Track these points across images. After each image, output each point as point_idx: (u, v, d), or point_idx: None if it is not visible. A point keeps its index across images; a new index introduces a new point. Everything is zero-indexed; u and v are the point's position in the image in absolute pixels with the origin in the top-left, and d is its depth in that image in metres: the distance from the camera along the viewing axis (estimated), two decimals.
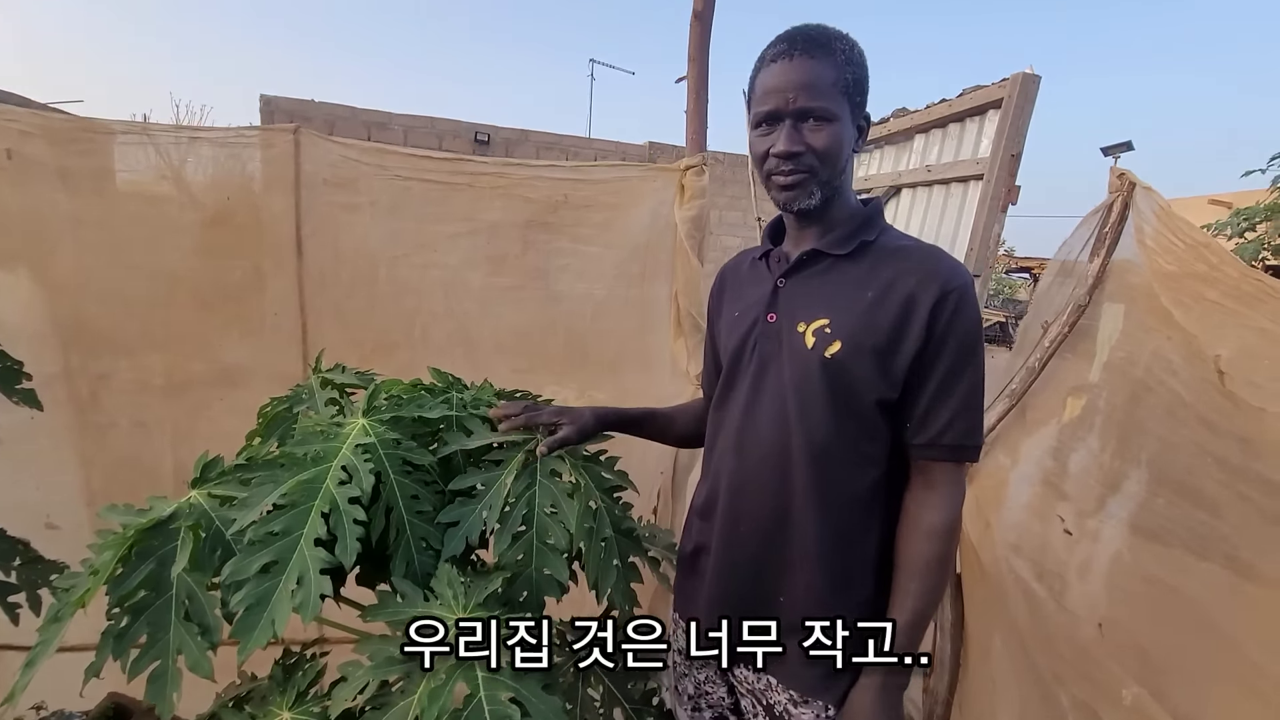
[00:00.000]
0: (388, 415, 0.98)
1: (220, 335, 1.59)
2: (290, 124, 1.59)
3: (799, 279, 0.99)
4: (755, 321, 1.00)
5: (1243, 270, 1.24)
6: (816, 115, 0.88)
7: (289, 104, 7.11)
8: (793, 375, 0.94)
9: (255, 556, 0.81)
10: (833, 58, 0.89)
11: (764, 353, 0.98)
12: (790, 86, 0.88)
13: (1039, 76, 1.48)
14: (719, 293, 1.16)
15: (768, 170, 0.94)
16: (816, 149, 0.89)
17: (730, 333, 1.05)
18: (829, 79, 0.88)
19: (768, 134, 0.92)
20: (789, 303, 0.98)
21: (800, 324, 0.94)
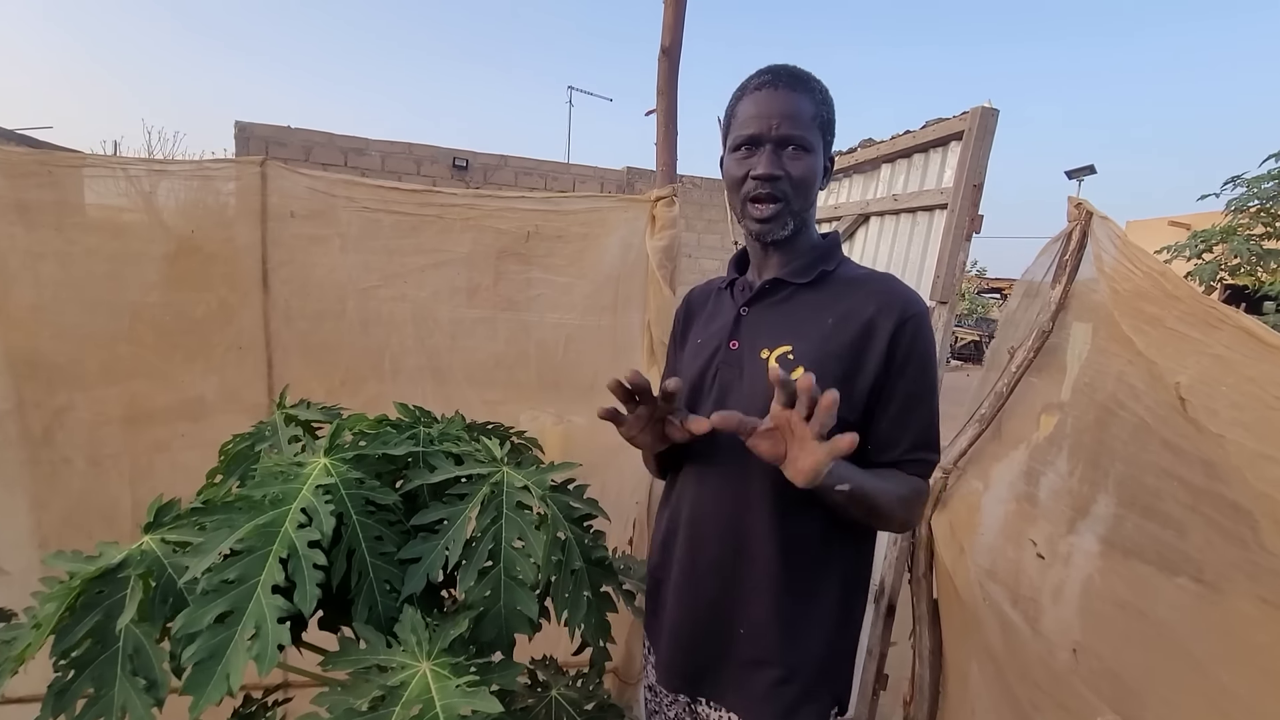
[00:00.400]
0: (351, 454, 0.96)
1: (183, 369, 1.55)
2: (257, 156, 1.58)
3: (761, 307, 1.01)
4: (717, 348, 1.02)
5: (1198, 298, 1.28)
6: (796, 144, 0.92)
7: (264, 130, 7.08)
8: (754, 401, 0.94)
9: (209, 606, 0.78)
10: (812, 94, 0.94)
11: (724, 379, 1.00)
12: (774, 113, 0.91)
13: (997, 110, 1.53)
14: (684, 318, 1.17)
15: (745, 193, 0.96)
16: (793, 176, 0.92)
17: (693, 359, 1.06)
18: (809, 112, 0.92)
19: (747, 158, 0.94)
20: (751, 330, 1.00)
21: (763, 350, 0.96)
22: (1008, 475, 1.68)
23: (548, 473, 1.08)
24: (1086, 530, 1.52)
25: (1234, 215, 6.93)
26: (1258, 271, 6.61)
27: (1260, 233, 6.68)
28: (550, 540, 0.99)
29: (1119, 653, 1.31)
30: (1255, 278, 6.65)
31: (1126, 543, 1.42)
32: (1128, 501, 1.43)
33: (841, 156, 2.50)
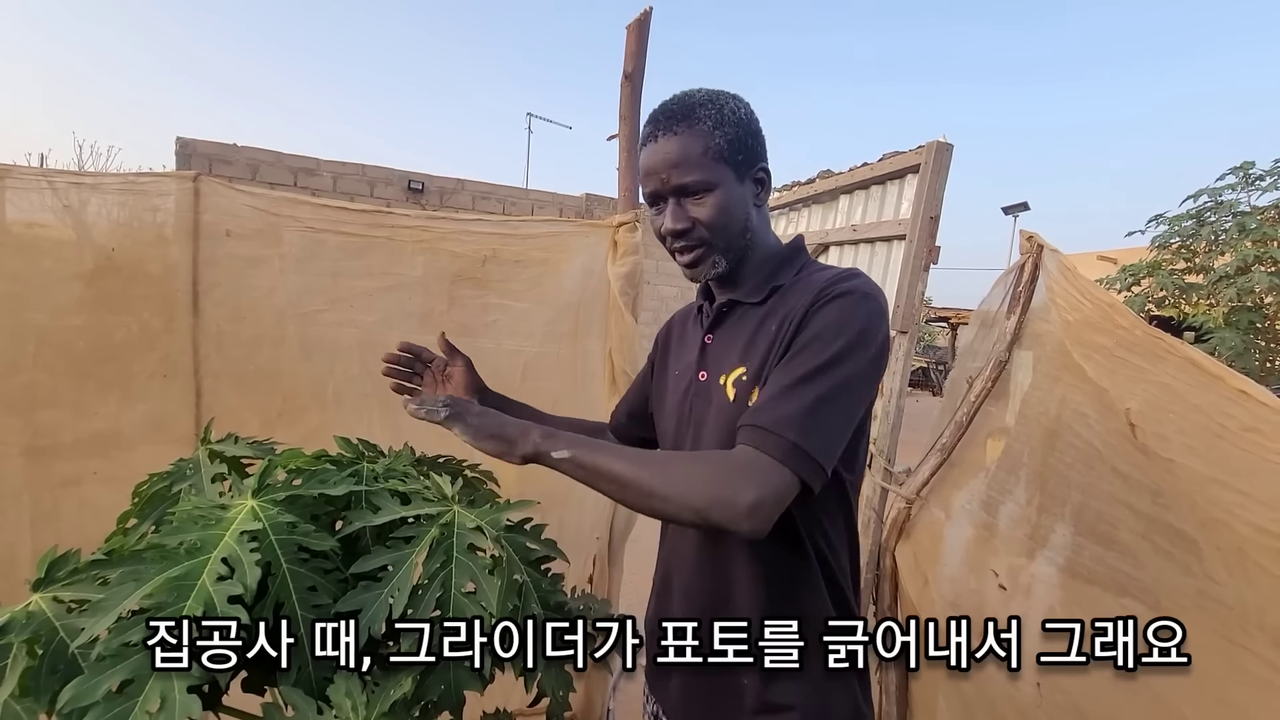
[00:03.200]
0: (283, 494, 0.87)
1: (96, 399, 1.42)
2: (192, 171, 1.48)
3: (721, 332, 0.98)
4: (690, 382, 0.99)
5: (1146, 329, 1.31)
6: (692, 190, 0.88)
7: (208, 147, 6.83)
8: (720, 432, 0.90)
9: (105, 675, 0.68)
10: (697, 126, 0.87)
11: (698, 412, 0.96)
12: (661, 167, 0.88)
13: (951, 145, 1.57)
14: (664, 343, 1.13)
15: (669, 248, 0.96)
16: (704, 221, 0.89)
17: (671, 392, 1.03)
18: (697, 150, 0.87)
19: (659, 214, 0.94)
20: (715, 358, 0.97)
21: (721, 377, 0.93)
22: (968, 504, 1.69)
23: (503, 511, 1.01)
24: (1046, 560, 1.53)
25: (1158, 251, 7.40)
26: (1181, 304, 7.05)
27: (1182, 268, 7.14)
28: (505, 585, 0.92)
29: (1082, 686, 1.30)
30: (1179, 310, 7.08)
31: (1086, 572, 1.43)
32: (1085, 530, 1.44)
33: (800, 187, 2.54)
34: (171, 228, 1.43)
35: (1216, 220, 6.91)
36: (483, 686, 0.91)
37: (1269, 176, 6.64)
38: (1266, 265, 6.22)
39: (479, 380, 1.17)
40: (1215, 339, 6.29)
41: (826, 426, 0.79)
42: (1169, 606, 1.27)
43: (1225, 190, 7.00)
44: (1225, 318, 6.42)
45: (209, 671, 0.70)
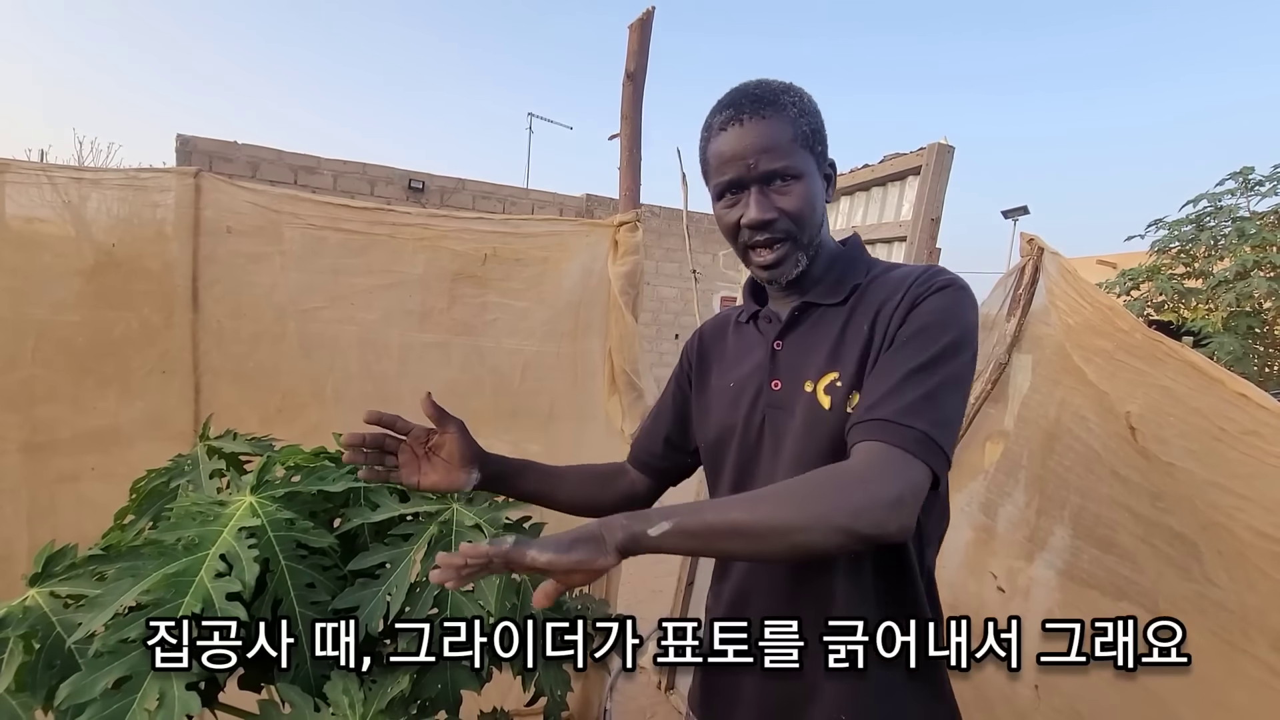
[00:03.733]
0: (282, 491, 0.87)
1: (96, 394, 1.41)
2: (193, 167, 1.47)
3: (794, 337, 0.89)
4: (759, 391, 0.89)
5: (1146, 333, 1.31)
6: (782, 175, 0.82)
7: (209, 145, 6.83)
8: (816, 442, 0.82)
9: (103, 671, 0.68)
10: (785, 112, 0.83)
11: (777, 424, 0.87)
12: (749, 151, 0.82)
13: (953, 147, 1.57)
14: (698, 356, 1.01)
15: (743, 242, 0.86)
16: (789, 211, 0.83)
17: (730, 406, 0.92)
18: (787, 135, 0.82)
19: (734, 204, 0.85)
20: (790, 364, 0.88)
21: (806, 384, 0.84)
22: (966, 506, 1.68)
23: (501, 510, 1.02)
24: (1044, 563, 1.53)
25: (1158, 256, 7.40)
26: (1180, 309, 7.05)
27: (1181, 272, 7.15)
28: (504, 584, 0.92)
29: (1079, 689, 1.30)
30: (1178, 314, 7.08)
31: (1084, 575, 1.43)
32: (1085, 533, 1.44)
33: None
34: (172, 224, 1.42)
35: (1216, 225, 6.92)
36: (479, 686, 0.91)
37: (1268, 182, 6.65)
38: (1265, 270, 6.23)
39: (475, 446, 0.97)
40: (1214, 344, 6.29)
41: (948, 416, 0.74)
42: (1168, 609, 1.27)
43: (1225, 195, 7.01)
44: (1224, 322, 6.43)
45: (209, 671, 0.70)
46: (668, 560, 3.86)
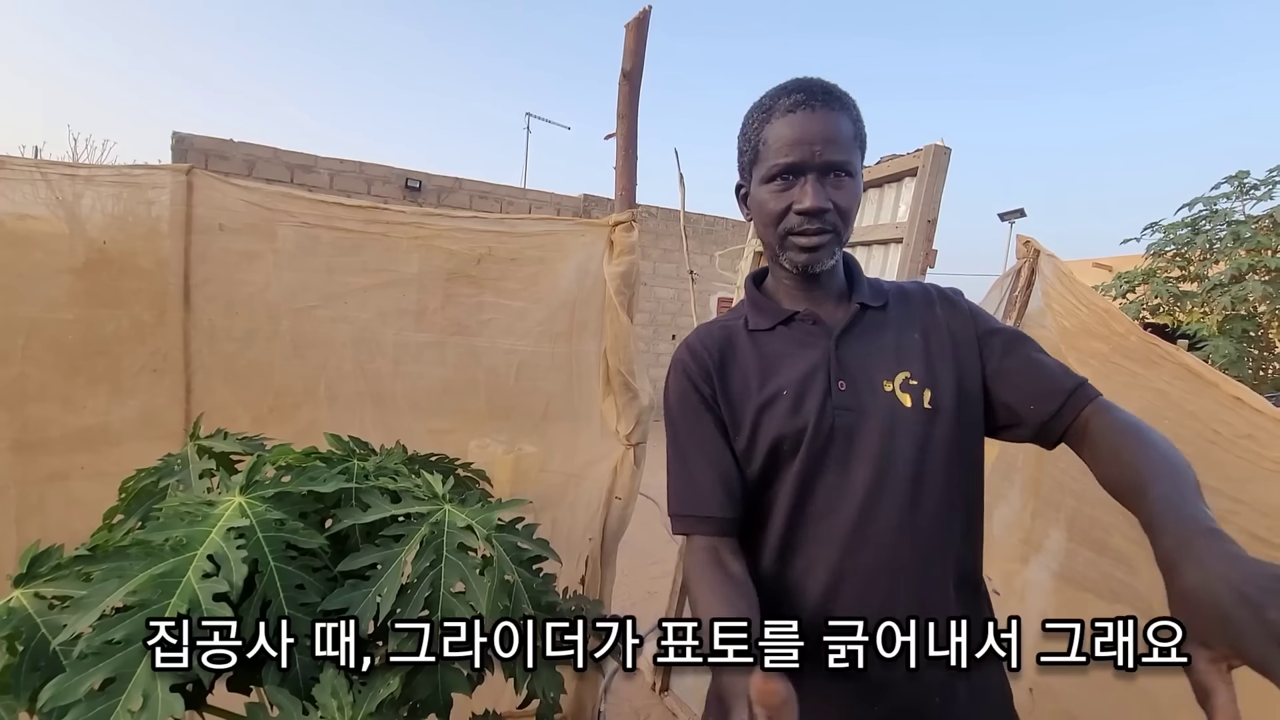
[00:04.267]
0: (271, 491, 0.86)
1: (86, 393, 1.40)
2: (186, 164, 1.46)
3: (850, 337, 0.89)
4: (826, 393, 0.85)
5: (1141, 336, 1.31)
6: (840, 169, 0.83)
7: (204, 142, 6.80)
8: (900, 440, 0.83)
9: (87, 672, 0.67)
10: (849, 111, 0.85)
11: (846, 425, 0.84)
12: (815, 139, 0.82)
13: (949, 149, 1.57)
14: (720, 375, 0.92)
15: (787, 228, 0.86)
16: (840, 206, 0.84)
17: (784, 417, 0.86)
18: (849, 132, 0.84)
19: (786, 189, 0.84)
20: (857, 364, 0.87)
21: (885, 382, 0.85)
22: None
23: (494, 510, 1.01)
24: (1039, 565, 1.52)
25: (1153, 259, 7.43)
26: (1175, 312, 7.07)
27: (1176, 275, 7.17)
28: (496, 585, 0.91)
29: (1075, 693, 1.30)
30: (1173, 317, 7.11)
31: (1078, 577, 1.43)
32: (1079, 536, 1.44)
33: None
34: (164, 221, 1.41)
35: (1211, 229, 6.94)
36: (470, 689, 0.90)
37: (1263, 186, 6.68)
38: (1260, 274, 6.25)
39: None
40: (1209, 347, 6.32)
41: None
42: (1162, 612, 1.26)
43: (1220, 199, 7.04)
44: (1219, 326, 6.45)
45: (210, 671, 0.69)
46: (663, 561, 3.85)
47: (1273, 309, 6.08)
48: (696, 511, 0.87)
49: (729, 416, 0.89)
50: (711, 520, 0.86)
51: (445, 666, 0.85)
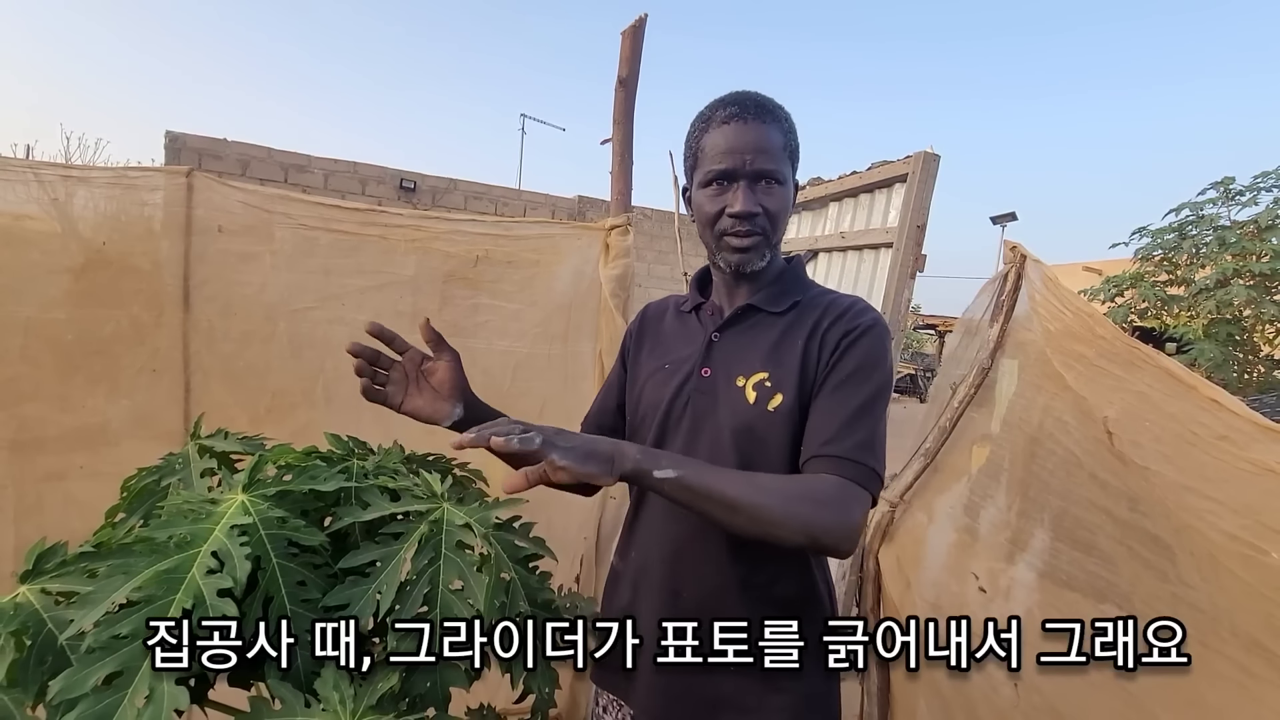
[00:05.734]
0: (273, 490, 0.88)
1: (84, 393, 1.41)
2: (184, 166, 1.48)
3: (733, 333, 0.98)
4: (688, 376, 0.98)
5: (1124, 339, 1.34)
6: (770, 177, 0.91)
7: (198, 142, 6.78)
8: (734, 430, 0.93)
9: (94, 667, 0.68)
10: (780, 124, 0.92)
11: (698, 408, 0.96)
12: (747, 148, 0.89)
13: (939, 155, 1.60)
14: (637, 335, 1.11)
15: (720, 230, 0.94)
16: (770, 210, 0.92)
17: (656, 386, 1.01)
18: (779, 143, 0.91)
19: (720, 194, 0.92)
20: (724, 357, 0.97)
21: (739, 378, 0.94)
22: (950, 508, 1.71)
23: (491, 509, 1.02)
24: (1025, 564, 1.55)
25: (1141, 263, 7.52)
26: (1163, 315, 7.16)
27: (1164, 279, 7.26)
28: (493, 582, 0.93)
29: (1059, 688, 1.33)
30: (1161, 321, 7.19)
31: (1062, 576, 1.46)
32: (1064, 535, 1.47)
33: None
34: (162, 222, 1.42)
35: (1198, 234, 7.04)
36: (469, 684, 0.92)
37: (1248, 192, 6.77)
38: (1245, 279, 6.34)
39: (464, 382, 1.07)
40: (1195, 350, 6.40)
41: (882, 450, 0.91)
42: (1144, 610, 1.29)
43: (1206, 204, 7.13)
44: (1205, 330, 6.54)
45: (208, 670, 0.71)
46: None
47: (1257, 313, 6.17)
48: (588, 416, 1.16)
49: (631, 371, 1.08)
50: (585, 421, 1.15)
51: (444, 662, 0.87)
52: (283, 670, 0.79)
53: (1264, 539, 1.08)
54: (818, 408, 0.91)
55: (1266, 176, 6.57)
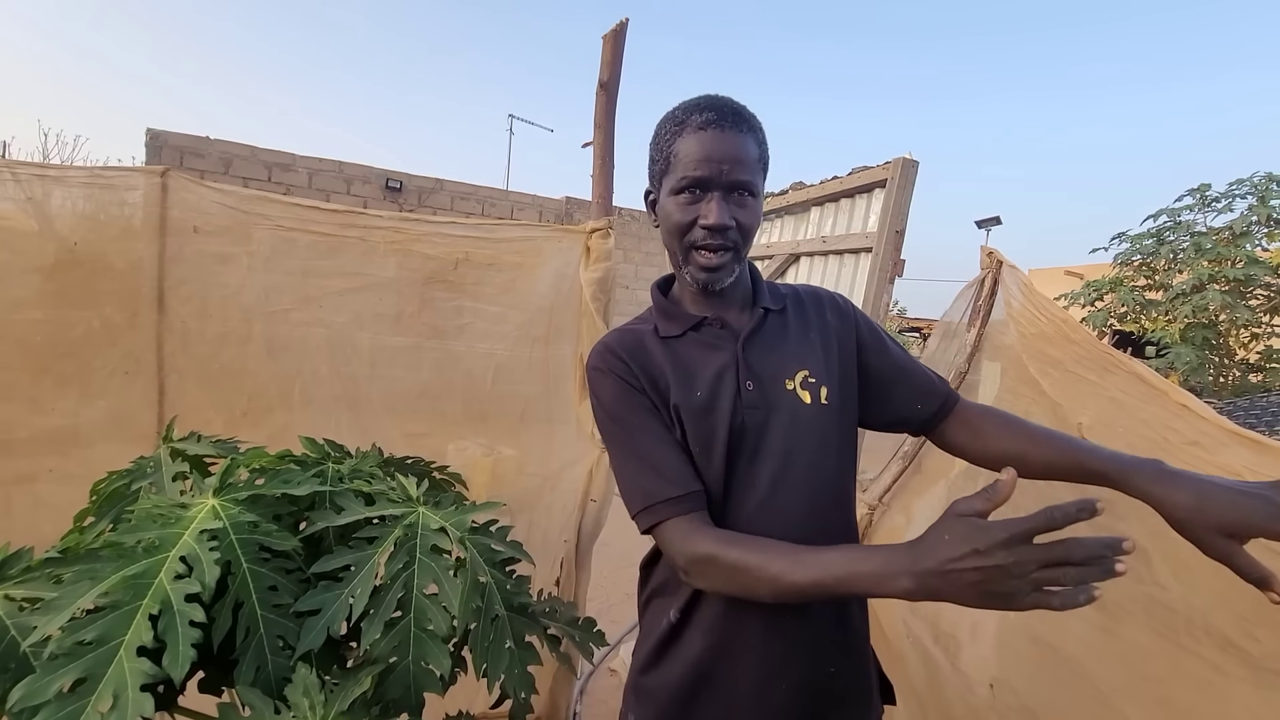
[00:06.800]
0: (245, 494, 0.87)
1: (54, 395, 1.38)
2: (170, 166, 1.46)
3: (756, 341, 0.94)
4: (735, 396, 0.90)
5: (1095, 344, 1.37)
6: (744, 189, 0.87)
7: (180, 140, 6.69)
8: (806, 433, 0.90)
9: (58, 673, 0.67)
10: (755, 134, 0.89)
11: (754, 424, 0.89)
12: (723, 157, 0.86)
13: (917, 161, 1.62)
14: (641, 375, 0.92)
15: (691, 241, 0.89)
16: (742, 224, 0.88)
17: (700, 417, 0.89)
18: (754, 155, 0.88)
19: (692, 203, 0.88)
20: (762, 365, 0.92)
21: (786, 381, 0.91)
22: (928, 510, 1.73)
23: (468, 513, 1.02)
24: None
25: (1120, 268, 7.64)
26: (1141, 319, 7.28)
27: (1143, 284, 7.38)
28: (469, 586, 0.92)
29: (1033, 687, 1.35)
30: (1140, 324, 7.31)
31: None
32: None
33: (774, 198, 2.58)
34: (137, 222, 1.40)
35: (1175, 240, 7.16)
36: (443, 689, 0.91)
37: (1224, 199, 6.90)
38: (1221, 284, 6.46)
39: None
40: (1172, 354, 6.51)
41: None
42: (1114, 610, 1.32)
43: (1184, 211, 7.27)
44: (1181, 334, 6.65)
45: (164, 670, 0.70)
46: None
47: (1231, 318, 6.28)
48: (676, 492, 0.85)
49: (667, 413, 0.91)
50: (691, 496, 0.85)
51: (417, 666, 0.86)
52: (254, 672, 0.78)
53: None
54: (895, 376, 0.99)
55: (1241, 184, 6.70)
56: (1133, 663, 1.27)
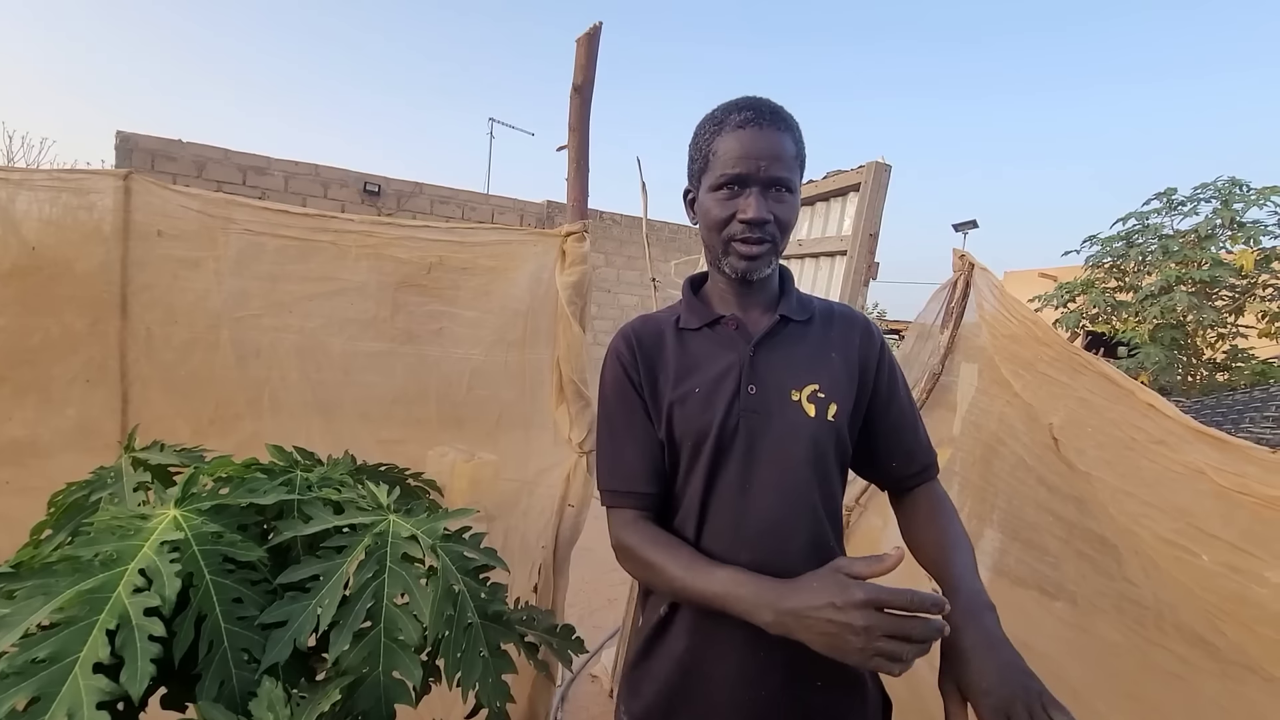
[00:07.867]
0: (209, 503, 0.85)
1: (10, 405, 1.34)
2: (140, 169, 1.43)
3: (771, 345, 0.94)
4: (733, 396, 0.91)
5: (1064, 345, 1.39)
6: (783, 185, 0.90)
7: (151, 143, 6.56)
8: (802, 446, 0.90)
9: (10, 692, 0.65)
10: (793, 133, 0.92)
11: (751, 427, 0.90)
12: (762, 154, 0.88)
13: (890, 165, 1.64)
14: (642, 363, 0.97)
15: (729, 235, 0.92)
16: (780, 219, 0.90)
17: (693, 413, 0.92)
18: (792, 152, 0.91)
19: (731, 199, 0.90)
20: (767, 371, 0.92)
21: (793, 392, 0.91)
22: None
23: (440, 520, 1.01)
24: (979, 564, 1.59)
25: (1091, 270, 7.80)
26: (1113, 320, 7.43)
27: (1113, 286, 7.54)
28: (441, 595, 0.91)
29: None
30: (1111, 326, 7.46)
31: (1012, 574, 1.50)
32: (1011, 534, 1.51)
33: None
34: (100, 226, 1.37)
35: (1144, 243, 7.33)
36: (415, 700, 0.90)
37: (1190, 202, 7.08)
38: (1187, 286, 6.62)
39: None
40: (1142, 354, 6.66)
41: None
42: (1085, 606, 1.34)
43: (1152, 214, 7.44)
44: (1150, 334, 6.80)
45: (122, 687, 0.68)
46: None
47: (1198, 319, 6.44)
48: (624, 487, 0.96)
49: (651, 407, 0.97)
50: (635, 495, 0.96)
51: (388, 678, 0.85)
52: (218, 687, 0.76)
53: (1196, 541, 1.13)
54: (894, 425, 0.99)
55: (1205, 188, 6.88)
56: (1104, 659, 1.29)
